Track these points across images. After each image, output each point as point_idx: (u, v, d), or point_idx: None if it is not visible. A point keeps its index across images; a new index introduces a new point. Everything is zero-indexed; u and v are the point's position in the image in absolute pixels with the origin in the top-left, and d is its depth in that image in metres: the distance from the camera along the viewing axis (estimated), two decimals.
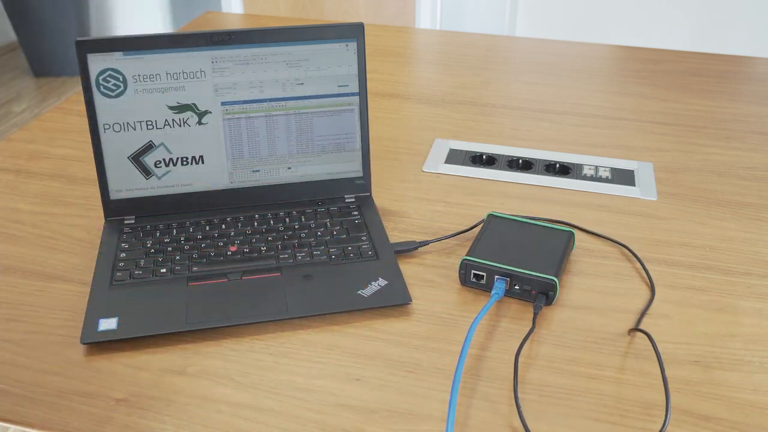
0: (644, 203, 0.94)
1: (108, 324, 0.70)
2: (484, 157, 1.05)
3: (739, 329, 0.73)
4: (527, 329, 0.72)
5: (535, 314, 0.73)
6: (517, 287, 0.75)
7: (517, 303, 0.76)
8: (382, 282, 0.76)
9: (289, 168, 0.89)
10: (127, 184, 0.85)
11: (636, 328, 0.71)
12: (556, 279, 0.73)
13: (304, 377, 0.66)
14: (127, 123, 0.83)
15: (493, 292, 0.74)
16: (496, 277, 0.75)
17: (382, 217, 0.88)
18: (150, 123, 0.84)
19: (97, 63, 0.81)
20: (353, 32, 0.86)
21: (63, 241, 0.85)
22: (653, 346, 0.68)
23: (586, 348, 0.70)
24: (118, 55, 0.81)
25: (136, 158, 0.85)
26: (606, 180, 0.99)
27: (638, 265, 0.82)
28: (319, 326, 0.72)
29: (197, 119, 0.85)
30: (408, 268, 0.80)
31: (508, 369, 0.68)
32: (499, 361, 0.68)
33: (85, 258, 0.82)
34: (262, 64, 0.85)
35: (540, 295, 0.74)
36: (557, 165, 1.02)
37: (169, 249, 0.81)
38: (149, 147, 0.85)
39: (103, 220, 0.87)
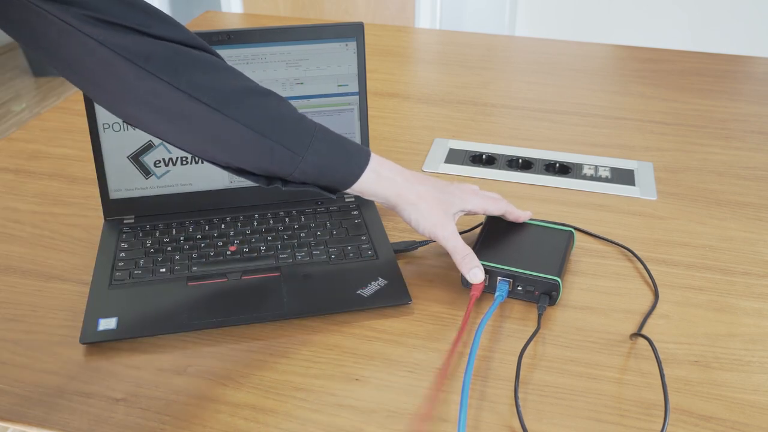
0: (644, 203, 0.94)
1: (107, 324, 0.70)
2: (483, 156, 1.05)
3: (739, 329, 0.73)
4: (528, 329, 0.72)
5: (540, 315, 0.72)
6: (519, 288, 0.75)
7: (518, 303, 0.76)
8: (381, 282, 0.76)
9: None
10: (127, 183, 0.85)
11: (637, 333, 0.71)
12: (559, 279, 0.73)
13: (303, 377, 0.66)
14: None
15: (496, 294, 0.74)
16: (498, 278, 0.75)
17: (382, 216, 0.88)
18: None
19: None
20: (353, 32, 0.86)
21: (62, 240, 0.85)
22: (654, 352, 0.68)
23: (586, 348, 0.70)
24: None
25: (136, 158, 0.85)
26: (606, 180, 0.99)
27: (638, 264, 0.82)
28: (319, 326, 0.72)
29: None
30: (408, 268, 0.80)
31: (508, 369, 0.67)
32: (500, 361, 0.68)
33: (85, 258, 0.82)
34: (261, 64, 0.85)
35: (543, 295, 0.74)
36: (557, 165, 1.02)
37: (169, 249, 0.81)
38: (149, 146, 0.85)
39: (102, 220, 0.87)
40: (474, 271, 0.73)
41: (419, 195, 0.75)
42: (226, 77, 0.66)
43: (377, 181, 0.73)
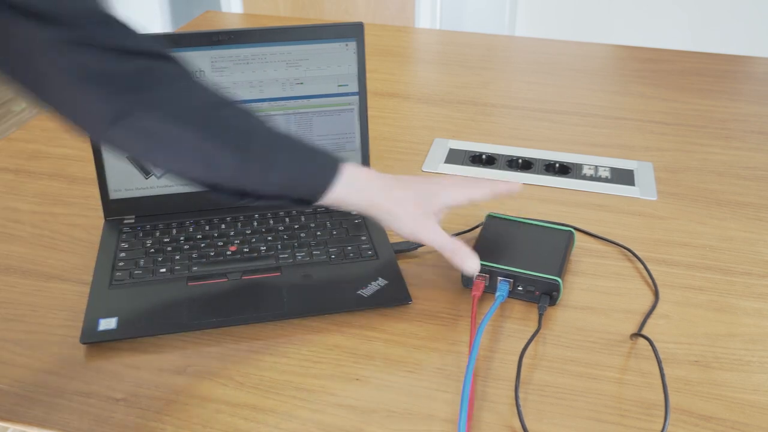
0: (644, 203, 0.94)
1: (107, 324, 0.70)
2: (483, 156, 1.05)
3: (739, 329, 0.73)
4: (529, 329, 0.72)
5: (541, 315, 0.72)
6: (520, 288, 0.75)
7: (519, 303, 0.76)
8: (382, 282, 0.76)
9: None
10: (127, 183, 0.85)
11: (638, 333, 0.71)
12: (560, 279, 0.73)
13: (303, 377, 0.66)
14: None
15: (497, 294, 0.74)
16: (499, 278, 0.75)
17: None
18: None
19: None
20: (353, 32, 0.86)
21: (63, 240, 0.85)
22: (654, 352, 0.68)
23: (587, 348, 0.70)
24: None
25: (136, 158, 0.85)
26: (606, 180, 0.99)
27: (639, 264, 0.82)
28: (319, 326, 0.72)
29: None
30: (408, 268, 0.80)
31: (509, 369, 0.67)
32: (501, 361, 0.68)
33: (85, 258, 0.82)
34: (261, 64, 0.85)
35: (543, 295, 0.74)
36: (557, 165, 1.02)
37: (169, 249, 0.81)
38: None
39: (102, 220, 0.87)
40: (468, 262, 0.72)
41: (396, 201, 0.72)
42: (188, 91, 0.63)
43: (348, 192, 0.70)
